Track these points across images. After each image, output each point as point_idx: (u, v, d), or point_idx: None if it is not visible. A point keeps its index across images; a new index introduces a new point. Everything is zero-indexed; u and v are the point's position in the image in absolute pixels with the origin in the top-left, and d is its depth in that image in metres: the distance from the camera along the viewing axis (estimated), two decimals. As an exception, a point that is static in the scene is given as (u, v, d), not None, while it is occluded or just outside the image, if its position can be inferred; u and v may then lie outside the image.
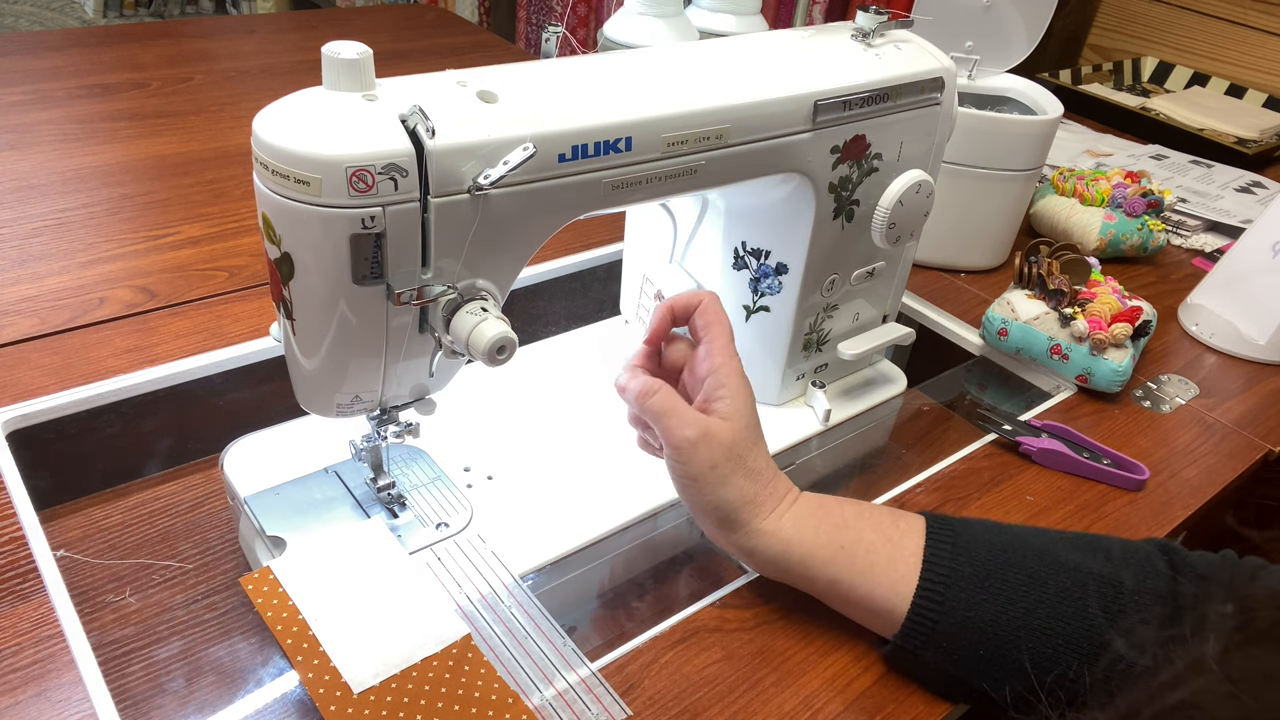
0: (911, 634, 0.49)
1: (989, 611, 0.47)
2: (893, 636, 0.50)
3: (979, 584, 0.48)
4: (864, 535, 0.51)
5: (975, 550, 0.49)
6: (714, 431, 0.50)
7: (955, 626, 0.48)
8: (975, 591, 0.48)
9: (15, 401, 0.61)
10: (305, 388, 0.50)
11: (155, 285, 0.76)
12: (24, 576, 0.51)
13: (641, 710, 0.48)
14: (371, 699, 0.45)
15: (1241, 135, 1.31)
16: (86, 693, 0.46)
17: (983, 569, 0.49)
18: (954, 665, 0.48)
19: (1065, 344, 0.74)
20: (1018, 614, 0.47)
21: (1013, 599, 0.47)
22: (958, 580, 0.48)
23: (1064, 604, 0.47)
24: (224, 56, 1.25)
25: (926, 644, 0.48)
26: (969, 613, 0.48)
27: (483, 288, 0.48)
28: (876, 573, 0.50)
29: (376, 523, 0.55)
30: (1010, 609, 0.47)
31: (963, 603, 0.48)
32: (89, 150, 0.96)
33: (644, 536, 0.60)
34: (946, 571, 0.48)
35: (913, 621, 0.48)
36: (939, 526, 0.51)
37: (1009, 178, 0.86)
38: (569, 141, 0.47)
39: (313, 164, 0.41)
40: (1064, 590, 0.48)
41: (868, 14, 0.62)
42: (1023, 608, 0.47)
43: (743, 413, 0.52)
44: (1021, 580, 0.48)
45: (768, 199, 0.62)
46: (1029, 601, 0.47)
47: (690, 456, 0.50)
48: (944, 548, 0.49)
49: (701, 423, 0.50)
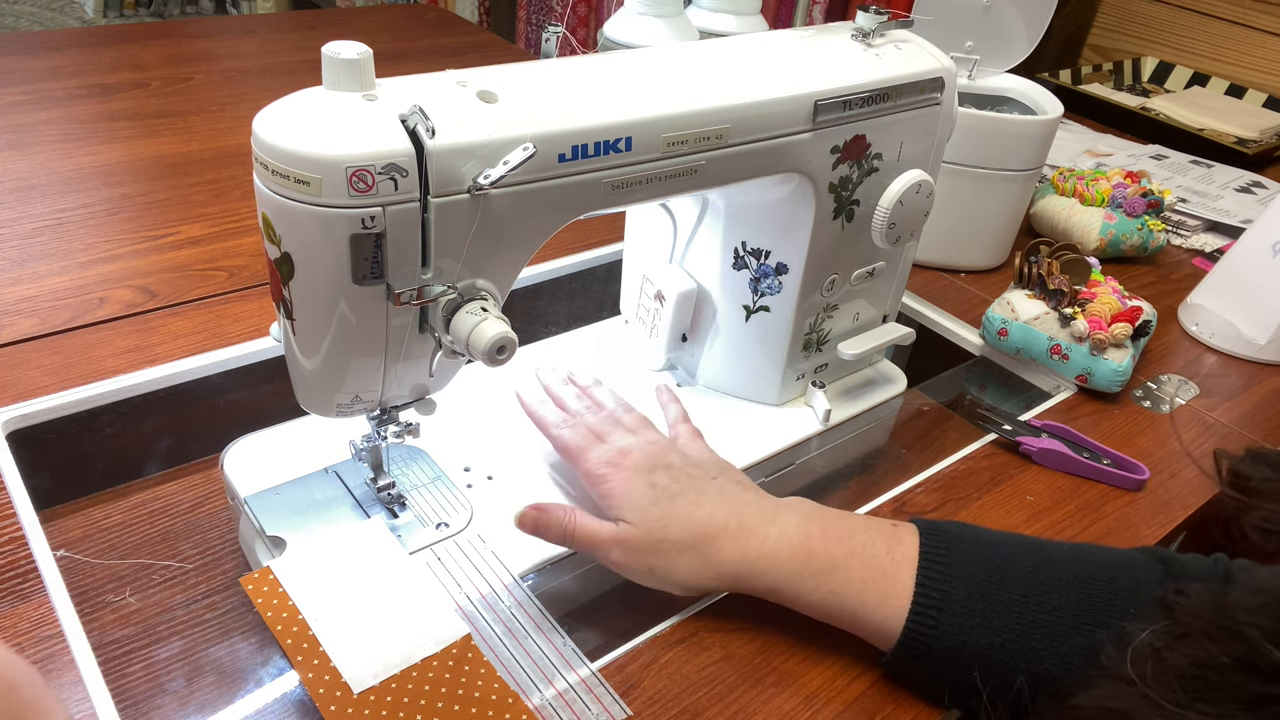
0: (904, 652, 0.48)
1: (983, 636, 0.47)
2: (886, 652, 0.49)
3: (972, 606, 0.47)
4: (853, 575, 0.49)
5: (969, 569, 0.48)
6: (624, 539, 0.51)
7: (948, 650, 0.47)
8: (969, 615, 0.47)
9: (15, 401, 0.61)
10: (305, 388, 0.50)
11: (155, 285, 0.76)
12: (24, 576, 0.51)
13: (641, 710, 0.48)
14: (371, 699, 0.45)
15: (1241, 135, 1.31)
16: (86, 693, 0.46)
17: (977, 589, 0.48)
18: (947, 684, 0.48)
19: (1065, 344, 0.74)
20: (1012, 636, 0.46)
21: (1007, 620, 0.47)
22: (951, 604, 0.47)
23: (1059, 623, 0.46)
24: (224, 56, 1.25)
25: (919, 662, 0.48)
26: (963, 637, 0.47)
27: (483, 288, 0.48)
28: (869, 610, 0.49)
29: (376, 523, 0.55)
30: (1005, 631, 0.47)
31: (956, 627, 0.47)
32: (89, 150, 0.96)
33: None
34: (940, 596, 0.47)
35: (905, 643, 0.48)
36: (932, 544, 0.50)
37: (1009, 178, 0.86)
38: (569, 141, 0.47)
39: (313, 164, 0.41)
40: (1059, 608, 0.47)
41: (868, 14, 0.62)
42: (1018, 629, 0.46)
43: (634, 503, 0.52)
44: (1016, 600, 0.47)
45: (768, 199, 0.62)
46: (1024, 622, 0.47)
47: (626, 570, 0.51)
48: (937, 568, 0.48)
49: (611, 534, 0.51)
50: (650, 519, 0.51)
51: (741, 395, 0.71)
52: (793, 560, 0.50)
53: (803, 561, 0.50)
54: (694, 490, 0.52)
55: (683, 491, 0.52)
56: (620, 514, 0.52)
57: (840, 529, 0.51)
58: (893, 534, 0.51)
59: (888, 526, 0.51)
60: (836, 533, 0.51)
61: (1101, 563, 0.49)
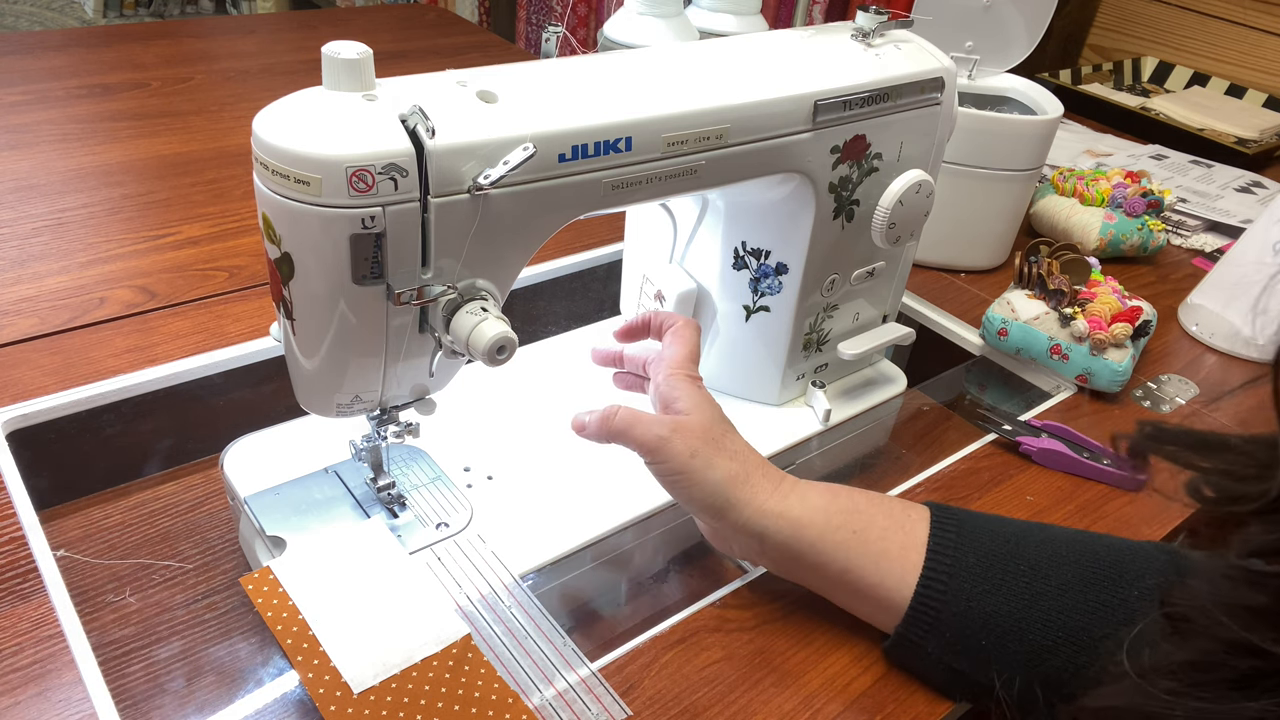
0: (915, 623, 0.49)
1: (991, 602, 0.48)
2: (895, 626, 0.50)
3: (983, 574, 0.48)
4: (876, 520, 0.51)
5: (979, 540, 0.50)
6: (682, 424, 0.51)
7: (958, 616, 0.48)
8: (979, 581, 0.48)
9: (15, 401, 0.61)
10: (305, 388, 0.50)
11: (155, 285, 0.76)
12: (24, 576, 0.51)
13: (641, 710, 0.48)
14: (371, 699, 0.45)
15: (1241, 135, 1.31)
16: (86, 693, 0.46)
17: (986, 559, 0.49)
18: (955, 656, 0.48)
19: (1065, 344, 0.74)
20: (1020, 604, 0.47)
21: (1015, 589, 0.48)
22: (961, 570, 0.48)
23: (1066, 596, 0.47)
24: (224, 56, 1.25)
25: (929, 633, 0.48)
26: (972, 602, 0.48)
27: (483, 288, 0.48)
28: (890, 560, 0.50)
29: (376, 523, 0.55)
30: (1013, 599, 0.48)
31: (966, 592, 0.48)
32: (89, 150, 0.96)
33: (644, 536, 0.60)
34: (951, 561, 0.49)
35: (916, 610, 0.48)
36: (943, 517, 0.51)
37: (1009, 178, 0.86)
38: (569, 141, 0.47)
39: (313, 164, 0.41)
40: (1066, 583, 0.48)
41: (868, 14, 0.62)
42: (1025, 598, 0.47)
43: (704, 406, 0.53)
44: (1024, 570, 0.48)
45: (768, 199, 0.62)
46: (1032, 592, 0.48)
47: (667, 452, 0.50)
48: (948, 537, 0.50)
49: (668, 420, 0.51)
50: (712, 420, 0.52)
51: (741, 395, 0.71)
52: (819, 499, 0.51)
53: (828, 499, 0.51)
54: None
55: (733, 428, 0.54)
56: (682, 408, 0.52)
57: (863, 492, 0.53)
58: (909, 504, 0.53)
59: (901, 501, 0.53)
60: (860, 492, 0.53)
61: (1108, 545, 0.51)
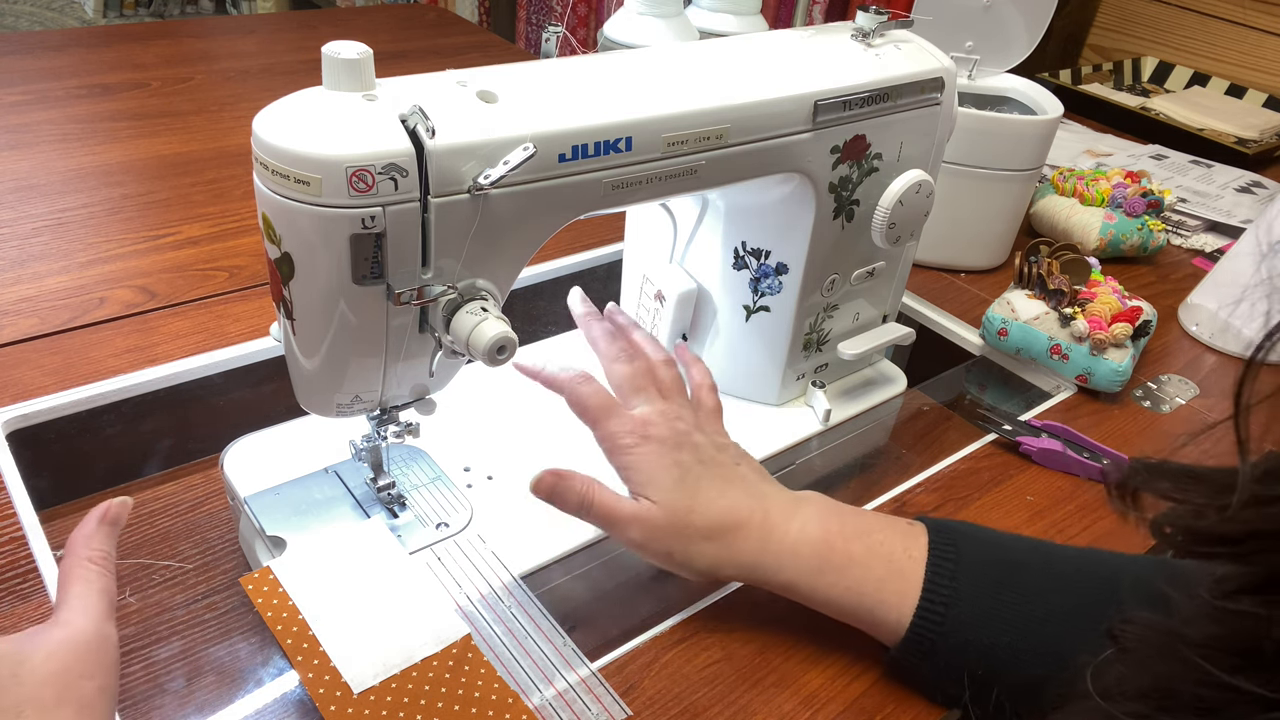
0: (910, 650, 0.48)
1: (985, 635, 0.47)
2: (892, 648, 0.49)
3: (980, 605, 0.47)
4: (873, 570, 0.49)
5: (977, 569, 0.49)
6: (646, 519, 0.49)
7: (954, 648, 0.47)
8: (976, 613, 0.47)
9: (15, 401, 0.61)
10: (305, 388, 0.50)
11: (155, 285, 0.76)
12: (24, 576, 0.51)
13: (641, 710, 0.48)
14: (371, 699, 0.45)
15: (1241, 135, 1.31)
16: (86, 693, 0.45)
17: (985, 589, 0.48)
18: (951, 682, 0.48)
19: (1065, 344, 0.74)
20: (1017, 635, 0.47)
21: (1009, 620, 0.47)
22: (959, 600, 0.47)
23: (1065, 623, 0.47)
24: (224, 56, 1.25)
25: (924, 660, 0.48)
26: (969, 635, 0.47)
27: (483, 288, 0.48)
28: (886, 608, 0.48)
29: (376, 523, 0.55)
30: (1010, 630, 0.47)
31: (963, 624, 0.47)
32: (89, 150, 0.96)
33: (644, 536, 0.60)
34: (949, 592, 0.48)
35: (911, 640, 0.48)
36: (942, 541, 0.50)
37: (1009, 178, 0.86)
38: (569, 141, 0.47)
39: (313, 164, 0.41)
40: (1065, 610, 0.47)
41: (868, 14, 0.62)
42: (1017, 629, 0.47)
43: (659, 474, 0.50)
44: (1023, 599, 0.47)
45: (768, 199, 0.62)
46: (1022, 622, 0.47)
47: (646, 553, 0.50)
48: (946, 565, 0.48)
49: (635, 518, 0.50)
50: (675, 501, 0.49)
51: (741, 395, 0.71)
52: (813, 556, 0.49)
53: (823, 557, 0.49)
54: (719, 477, 0.51)
55: (707, 476, 0.51)
56: (643, 490, 0.50)
57: (859, 525, 0.51)
58: (908, 531, 0.51)
59: (903, 524, 0.51)
60: (855, 529, 0.50)
61: (1110, 564, 0.50)
